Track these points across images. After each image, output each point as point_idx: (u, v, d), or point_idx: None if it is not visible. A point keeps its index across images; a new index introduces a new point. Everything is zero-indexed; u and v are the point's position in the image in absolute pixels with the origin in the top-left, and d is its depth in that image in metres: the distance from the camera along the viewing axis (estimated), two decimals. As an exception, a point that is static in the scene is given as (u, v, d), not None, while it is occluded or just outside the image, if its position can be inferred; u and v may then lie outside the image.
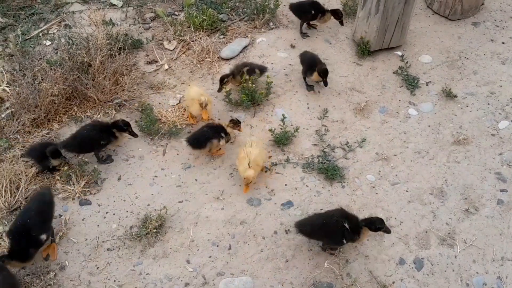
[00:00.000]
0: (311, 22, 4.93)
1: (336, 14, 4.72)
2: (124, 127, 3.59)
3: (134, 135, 3.67)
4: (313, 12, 4.68)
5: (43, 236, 2.95)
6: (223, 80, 4.07)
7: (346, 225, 2.96)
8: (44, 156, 3.44)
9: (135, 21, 4.97)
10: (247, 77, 4.07)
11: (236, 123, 3.77)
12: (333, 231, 2.98)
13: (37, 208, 2.99)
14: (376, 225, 3.01)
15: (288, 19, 5.09)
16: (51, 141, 3.71)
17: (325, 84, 4.06)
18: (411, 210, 3.52)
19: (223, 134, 3.68)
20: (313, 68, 4.15)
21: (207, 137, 3.61)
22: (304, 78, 4.32)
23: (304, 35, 4.87)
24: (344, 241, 3.00)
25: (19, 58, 4.15)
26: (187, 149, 3.72)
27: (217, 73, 4.46)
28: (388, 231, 3.07)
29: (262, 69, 4.26)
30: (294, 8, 4.77)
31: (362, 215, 3.45)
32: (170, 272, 3.11)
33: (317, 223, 3.02)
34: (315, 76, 4.13)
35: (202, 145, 3.60)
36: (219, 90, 4.09)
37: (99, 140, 3.52)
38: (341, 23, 4.79)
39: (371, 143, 3.94)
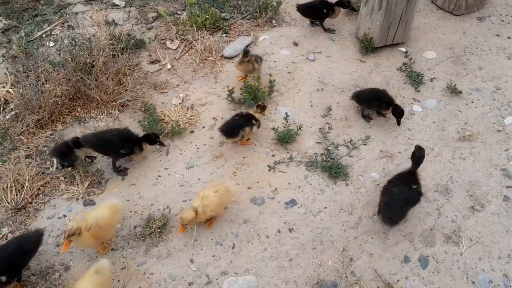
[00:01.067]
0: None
1: (343, 4, 4.71)
2: (155, 139, 3.60)
3: (163, 144, 3.70)
4: (325, 11, 4.68)
5: (2, 278, 2.83)
6: (247, 53, 4.09)
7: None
8: (68, 152, 3.44)
9: (137, 21, 4.98)
10: (256, 65, 4.15)
11: (262, 108, 3.84)
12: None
13: (11, 251, 2.88)
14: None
15: (291, 17, 5.06)
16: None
17: (398, 124, 3.93)
18: (416, 207, 3.48)
19: (254, 121, 3.73)
20: (384, 101, 3.92)
21: (239, 125, 3.65)
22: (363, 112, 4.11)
23: (330, 30, 4.84)
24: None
25: (22, 59, 4.17)
26: (219, 138, 3.73)
27: (220, 72, 4.46)
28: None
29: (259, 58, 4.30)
30: (304, 9, 4.72)
31: (366, 213, 3.45)
32: (174, 272, 3.11)
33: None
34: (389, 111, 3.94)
35: (235, 133, 3.65)
36: (240, 62, 4.11)
37: (119, 148, 3.46)
38: (353, 10, 4.82)
39: (375, 141, 3.91)
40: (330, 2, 4.73)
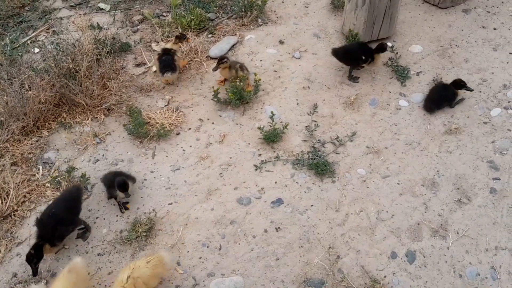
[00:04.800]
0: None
1: (384, 49, 4.21)
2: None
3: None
4: (363, 57, 4.18)
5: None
6: (222, 60, 4.09)
7: None
8: (112, 185, 3.35)
9: (123, 24, 4.97)
10: (241, 73, 4.15)
11: (180, 38, 4.24)
12: None
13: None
14: None
15: (277, 15, 5.05)
16: (127, 173, 3.56)
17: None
18: (403, 202, 3.48)
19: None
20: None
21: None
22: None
23: (354, 79, 4.32)
24: None
25: (6, 67, 4.16)
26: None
27: (205, 72, 4.45)
28: None
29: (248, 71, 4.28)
30: (340, 55, 4.23)
31: (353, 209, 3.44)
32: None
33: None
34: None
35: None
36: (215, 69, 4.13)
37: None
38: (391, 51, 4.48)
39: (362, 137, 3.91)
40: (370, 48, 4.21)
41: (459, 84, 4.03)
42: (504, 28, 4.78)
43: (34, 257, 2.93)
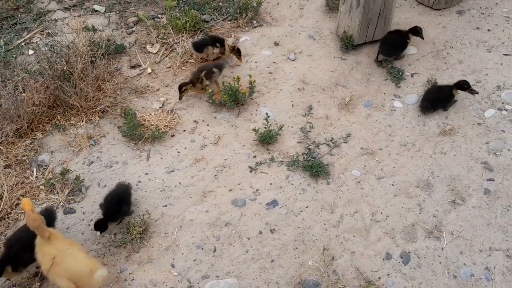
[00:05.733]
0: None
1: (417, 31, 4.39)
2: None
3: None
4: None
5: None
6: (181, 88, 4.04)
7: None
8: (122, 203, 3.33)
9: (118, 26, 4.96)
10: (207, 82, 4.09)
11: (235, 50, 4.42)
12: None
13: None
14: None
15: (272, 17, 5.06)
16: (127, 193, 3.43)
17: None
18: (397, 203, 3.49)
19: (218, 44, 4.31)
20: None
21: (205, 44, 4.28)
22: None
23: (380, 63, 4.49)
24: None
25: (0, 69, 4.15)
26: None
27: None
28: None
29: (219, 67, 4.22)
30: (386, 45, 4.37)
31: (347, 211, 3.45)
32: (155, 277, 3.10)
33: None
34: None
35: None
36: (180, 98, 4.09)
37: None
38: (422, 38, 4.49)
39: (356, 138, 3.91)
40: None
41: (463, 86, 4.01)
42: (498, 29, 4.80)
43: None
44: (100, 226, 3.20)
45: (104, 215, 3.24)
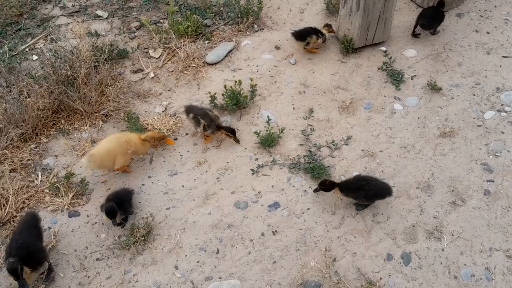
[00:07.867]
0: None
1: (443, 4, 4.71)
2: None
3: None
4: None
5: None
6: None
7: None
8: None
9: (120, 31, 5.02)
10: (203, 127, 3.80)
11: (329, 26, 4.68)
12: None
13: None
14: None
15: (272, 21, 5.11)
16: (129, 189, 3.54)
17: None
18: (398, 205, 3.52)
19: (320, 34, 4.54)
20: None
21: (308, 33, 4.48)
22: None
23: (416, 36, 4.82)
24: None
25: (5, 74, 4.21)
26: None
27: (202, 78, 4.50)
28: None
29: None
30: (425, 18, 4.64)
31: (349, 212, 3.48)
32: (158, 279, 3.14)
33: None
34: None
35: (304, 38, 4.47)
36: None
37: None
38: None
39: (357, 140, 3.95)
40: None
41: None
42: (497, 32, 4.84)
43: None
44: (111, 212, 3.23)
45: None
